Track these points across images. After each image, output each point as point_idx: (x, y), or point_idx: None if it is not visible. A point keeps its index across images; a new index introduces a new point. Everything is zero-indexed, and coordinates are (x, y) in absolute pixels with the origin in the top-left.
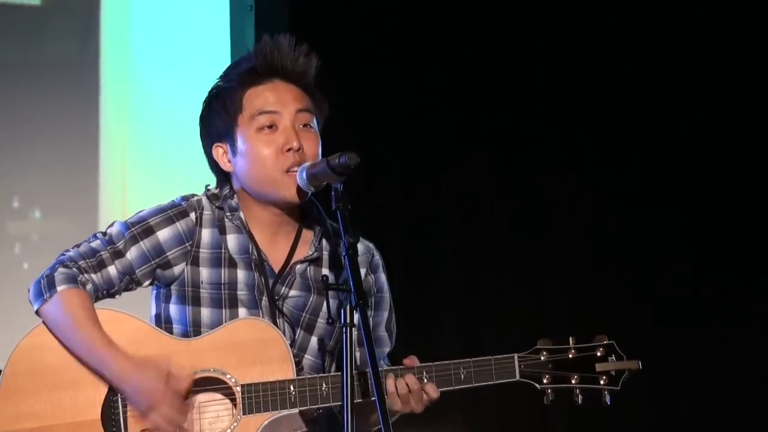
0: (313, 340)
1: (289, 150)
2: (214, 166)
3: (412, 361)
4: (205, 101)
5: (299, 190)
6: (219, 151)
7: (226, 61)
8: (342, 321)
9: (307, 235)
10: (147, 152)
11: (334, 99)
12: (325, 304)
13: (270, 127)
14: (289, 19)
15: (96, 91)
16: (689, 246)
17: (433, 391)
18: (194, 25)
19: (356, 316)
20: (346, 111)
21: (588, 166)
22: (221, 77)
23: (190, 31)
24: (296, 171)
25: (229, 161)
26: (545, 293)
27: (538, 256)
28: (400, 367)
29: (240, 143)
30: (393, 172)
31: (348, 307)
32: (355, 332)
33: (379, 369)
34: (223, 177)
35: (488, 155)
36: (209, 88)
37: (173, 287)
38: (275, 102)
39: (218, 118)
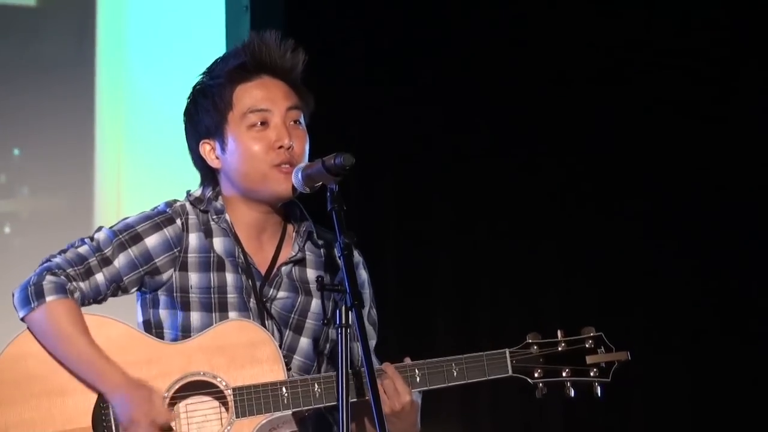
0: (303, 341)
1: (280, 147)
2: (199, 162)
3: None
4: (190, 97)
5: (288, 186)
6: (206, 148)
7: None
8: (337, 322)
9: (291, 235)
10: (142, 153)
11: (330, 100)
12: (312, 304)
13: (262, 124)
14: (284, 20)
15: (91, 91)
16: (684, 252)
17: (405, 393)
18: (190, 26)
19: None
20: (342, 112)
21: (585, 172)
22: (207, 74)
23: (186, 31)
24: (287, 167)
25: (217, 158)
26: (541, 297)
27: (533, 259)
28: (396, 364)
29: (230, 140)
30: (388, 173)
31: (343, 307)
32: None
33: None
34: (208, 174)
35: (484, 158)
36: (194, 84)
37: (161, 293)
38: (266, 99)
39: (207, 115)
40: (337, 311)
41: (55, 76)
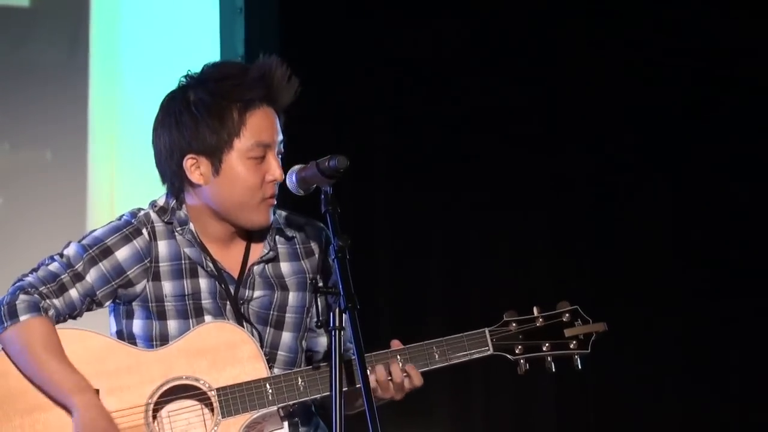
0: (285, 336)
1: (272, 181)
2: (172, 170)
3: (397, 344)
4: (182, 106)
5: (268, 218)
6: (190, 162)
7: None
8: (331, 324)
9: (259, 234)
10: (136, 156)
11: (323, 103)
12: (290, 298)
13: (261, 157)
14: (279, 23)
15: (85, 93)
16: (678, 239)
17: (416, 378)
18: (184, 28)
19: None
20: (336, 113)
21: (575, 157)
22: (201, 85)
23: (180, 33)
24: (272, 200)
25: (202, 175)
26: (533, 287)
27: (526, 250)
28: (374, 353)
29: (227, 165)
30: (379, 169)
31: (337, 310)
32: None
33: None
34: (179, 185)
35: (475, 149)
36: (190, 92)
37: (135, 304)
38: (270, 132)
39: (210, 133)
40: (331, 314)
41: (48, 77)
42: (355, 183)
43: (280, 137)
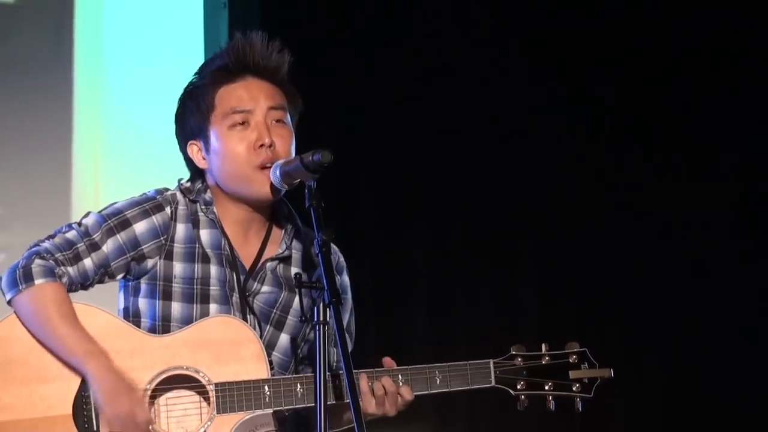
0: (283, 337)
1: (261, 146)
2: (189, 163)
3: (388, 362)
4: (180, 99)
5: (272, 187)
6: (193, 149)
7: (199, 59)
8: (315, 318)
9: (277, 232)
10: (120, 151)
11: (307, 96)
12: (295, 301)
13: (242, 123)
14: (262, 16)
15: (69, 89)
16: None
17: (407, 394)
18: (168, 23)
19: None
20: (320, 108)
21: (563, 172)
22: (195, 75)
23: (164, 28)
24: (270, 167)
25: (204, 158)
26: (518, 301)
27: (511, 263)
28: (376, 369)
29: (213, 141)
30: (366, 175)
31: (321, 304)
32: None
33: (354, 371)
34: (198, 174)
35: (462, 160)
36: (185, 86)
37: (143, 281)
38: (248, 99)
39: (192, 116)
40: (315, 308)
41: (32, 72)
42: (341, 178)
43: (271, 103)
